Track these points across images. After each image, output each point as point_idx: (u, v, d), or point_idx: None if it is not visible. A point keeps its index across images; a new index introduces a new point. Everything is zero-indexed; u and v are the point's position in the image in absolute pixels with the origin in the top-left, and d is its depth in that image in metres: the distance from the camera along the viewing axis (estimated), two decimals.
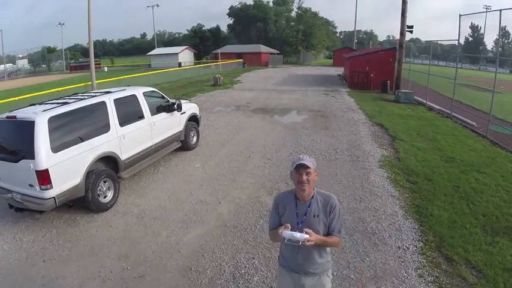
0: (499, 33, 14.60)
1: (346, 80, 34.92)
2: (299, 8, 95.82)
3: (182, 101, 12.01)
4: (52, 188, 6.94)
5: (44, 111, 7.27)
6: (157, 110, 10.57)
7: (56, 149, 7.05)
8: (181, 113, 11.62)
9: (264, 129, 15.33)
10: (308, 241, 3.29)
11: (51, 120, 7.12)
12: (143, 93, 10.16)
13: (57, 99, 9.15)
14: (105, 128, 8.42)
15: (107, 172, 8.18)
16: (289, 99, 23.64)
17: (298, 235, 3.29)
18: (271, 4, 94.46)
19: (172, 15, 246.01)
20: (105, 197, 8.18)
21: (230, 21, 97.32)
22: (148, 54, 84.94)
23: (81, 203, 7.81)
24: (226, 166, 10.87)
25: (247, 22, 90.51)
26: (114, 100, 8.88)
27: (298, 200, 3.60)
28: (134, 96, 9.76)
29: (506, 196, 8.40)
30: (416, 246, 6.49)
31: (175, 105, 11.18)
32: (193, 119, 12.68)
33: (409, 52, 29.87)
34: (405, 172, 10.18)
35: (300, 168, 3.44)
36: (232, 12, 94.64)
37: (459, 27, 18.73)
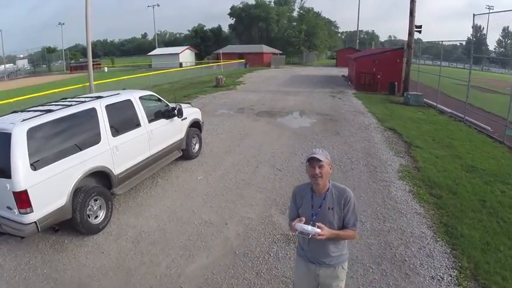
0: None
1: (352, 81, 34.09)
2: (301, 7, 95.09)
3: (183, 105, 11.07)
4: (33, 211, 5.95)
5: (23, 121, 6.21)
6: (155, 116, 9.55)
7: (36, 165, 6.03)
8: (182, 119, 10.58)
9: (271, 134, 14.37)
10: (319, 235, 3.39)
11: (31, 131, 6.08)
12: (140, 97, 9.10)
13: (41, 105, 8.05)
14: (96, 138, 7.37)
15: (97, 189, 7.14)
16: (295, 102, 22.72)
17: (309, 228, 3.40)
18: (272, 4, 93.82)
19: (174, 15, 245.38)
20: (97, 217, 7.16)
21: (232, 21, 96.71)
22: (149, 54, 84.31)
23: (70, 223, 6.82)
24: (232, 178, 9.87)
25: (249, 22, 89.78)
26: (106, 106, 7.82)
27: (314, 192, 3.71)
28: (129, 101, 8.71)
29: None
30: (451, 276, 5.74)
31: (175, 111, 10.12)
32: (195, 125, 11.68)
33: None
34: (427, 184, 9.38)
35: (313, 161, 3.55)
36: (234, 12, 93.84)
37: (473, 26, 17.89)
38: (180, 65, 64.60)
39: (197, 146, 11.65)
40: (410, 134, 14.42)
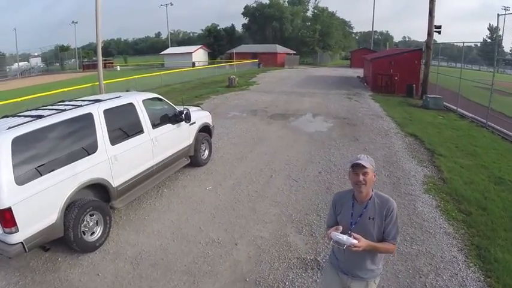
0: None
1: (368, 82, 33.24)
2: (315, 7, 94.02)
3: (192, 109, 10.41)
4: (18, 231, 5.27)
5: (8, 128, 5.50)
6: (160, 121, 8.81)
7: (22, 179, 5.33)
8: (191, 124, 9.85)
9: (286, 139, 13.59)
10: (355, 246, 3.22)
11: (17, 141, 5.37)
12: (143, 100, 8.33)
13: (35, 109, 7.35)
14: (92, 147, 6.63)
15: (94, 204, 6.41)
16: (311, 103, 21.94)
17: (344, 238, 3.22)
18: (286, 4, 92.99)
19: (187, 14, 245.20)
20: (93, 233, 6.46)
21: (245, 20, 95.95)
22: (161, 53, 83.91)
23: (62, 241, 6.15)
24: (244, 189, 9.06)
25: (262, 21, 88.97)
26: (105, 111, 7.08)
27: (356, 200, 3.55)
28: (131, 105, 7.95)
29: None
30: None
31: (182, 115, 9.37)
32: (205, 130, 10.91)
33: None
34: (454, 198, 8.66)
35: (357, 167, 3.40)
36: (248, 11, 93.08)
37: (497, 27, 17.02)
38: (193, 64, 64.14)
39: (206, 153, 10.92)
40: (432, 141, 13.68)
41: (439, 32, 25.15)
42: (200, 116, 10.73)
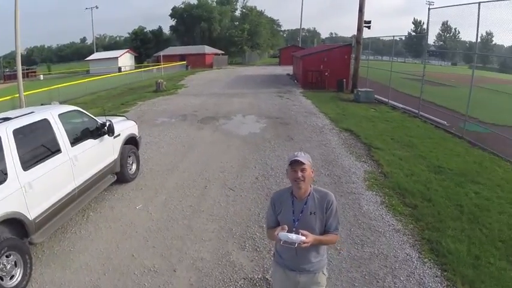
0: (477, 27, 13.23)
1: (298, 79, 33.25)
2: (244, 7, 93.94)
3: (116, 119, 9.43)
4: None
5: None
6: (80, 137, 7.74)
7: None
8: (115, 137, 8.84)
9: (219, 144, 12.83)
10: (304, 243, 3.23)
11: None
12: (59, 115, 7.20)
13: None
14: (0, 176, 5.51)
15: (9, 243, 5.25)
16: (241, 104, 21.33)
17: (294, 237, 3.22)
18: (215, 4, 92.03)
19: (113, 17, 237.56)
20: (12, 277, 5.29)
21: (173, 22, 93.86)
22: (86, 59, 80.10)
23: None
24: (178, 205, 8.15)
25: (190, 22, 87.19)
26: (14, 131, 5.92)
27: (295, 197, 3.53)
28: (45, 121, 6.80)
29: None
30: None
31: (105, 128, 8.34)
32: (131, 141, 9.90)
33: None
34: (398, 192, 8.56)
35: (295, 164, 3.39)
36: (175, 12, 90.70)
37: (428, 21, 17.36)
38: (119, 69, 61.69)
39: (134, 167, 9.88)
40: (367, 135, 13.64)
41: (369, 27, 25.59)
42: (125, 127, 9.71)
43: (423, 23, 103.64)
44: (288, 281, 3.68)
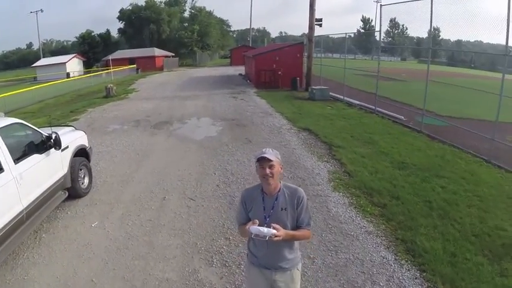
0: (431, 22, 13.54)
1: (251, 79, 32.92)
2: (192, 7, 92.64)
3: (63, 130, 8.64)
4: None
5: None
6: (24, 152, 6.87)
7: None
8: (63, 149, 7.99)
9: (175, 151, 12.12)
10: (275, 236, 3.20)
11: None
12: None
13: None
14: None
15: None
16: (196, 107, 20.65)
17: (265, 230, 3.19)
18: (163, 5, 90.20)
19: (60, 21, 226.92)
20: None
21: (121, 25, 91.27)
22: (33, 65, 76.31)
23: None
24: (136, 220, 7.42)
25: (139, 24, 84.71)
26: None
27: (265, 194, 3.52)
28: None
29: (480, 203, 7.57)
30: None
31: (51, 140, 7.47)
32: (82, 153, 9.07)
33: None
34: (365, 192, 8.36)
35: (263, 161, 3.37)
36: (123, 15, 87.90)
37: (380, 17, 17.26)
38: (68, 75, 59.32)
39: (86, 180, 8.99)
40: (326, 133, 13.42)
41: (320, 25, 25.52)
42: (73, 138, 8.86)
43: (371, 20, 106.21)
44: (264, 280, 3.66)
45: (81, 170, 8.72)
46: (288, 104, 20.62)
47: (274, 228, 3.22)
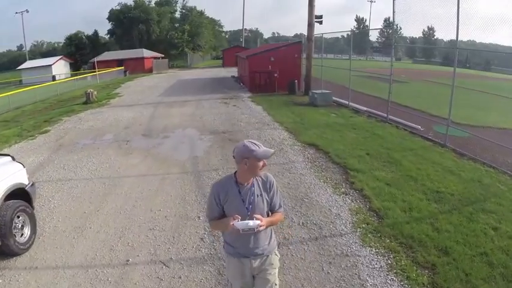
0: (457, 25, 11.26)
1: (245, 82, 30.55)
2: (183, 7, 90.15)
3: None
4: None
5: None
6: None
7: None
8: None
9: (150, 178, 9.56)
10: (260, 226, 3.26)
11: None
12: None
13: None
14: None
15: None
16: (182, 116, 18.11)
17: (251, 223, 3.22)
18: (153, 4, 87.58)
19: (53, 22, 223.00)
20: None
21: (111, 25, 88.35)
22: (18, 68, 73.17)
23: None
24: None
25: (128, 25, 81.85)
26: None
27: (241, 183, 3.42)
28: None
29: None
30: None
31: None
32: (19, 195, 6.54)
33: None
34: (404, 244, 6.10)
35: (265, 159, 3.37)
36: (112, 15, 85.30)
37: (393, 12, 14.85)
38: (53, 78, 56.58)
39: (27, 231, 6.42)
40: (338, 150, 11.18)
41: (321, 22, 23.18)
42: (6, 175, 6.37)
43: (365, 20, 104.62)
44: (244, 269, 3.58)
45: (18, 217, 6.23)
46: (287, 111, 18.28)
47: (257, 218, 3.25)
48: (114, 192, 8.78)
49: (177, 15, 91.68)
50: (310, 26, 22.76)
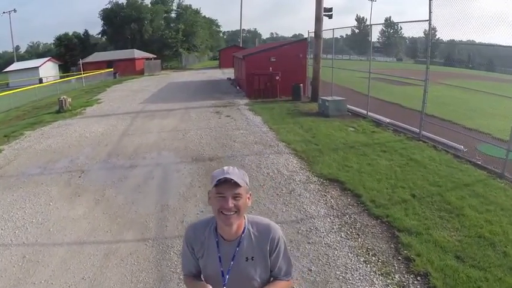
0: None
1: (241, 86, 27.24)
2: (179, 5, 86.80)
3: None
4: None
5: None
6: None
7: None
8: None
9: (89, 253, 6.04)
10: None
11: None
12: None
13: None
14: None
15: None
16: (161, 131, 14.61)
17: None
18: (147, 2, 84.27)
19: (51, 23, 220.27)
20: None
21: (103, 25, 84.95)
22: (5, 70, 69.50)
23: None
24: None
25: (120, 24, 78.44)
26: None
27: (221, 237, 2.27)
28: None
29: None
30: None
31: None
32: None
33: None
34: None
35: (225, 186, 2.09)
36: (104, 14, 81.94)
37: (430, 11, 11.36)
38: (40, 80, 53.15)
39: None
40: (371, 190, 7.93)
41: (330, 16, 19.65)
42: None
43: (366, 19, 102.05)
44: None
45: None
46: (293, 123, 14.86)
47: None
48: (24, 282, 5.25)
49: (173, 14, 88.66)
50: (318, 20, 19.17)
